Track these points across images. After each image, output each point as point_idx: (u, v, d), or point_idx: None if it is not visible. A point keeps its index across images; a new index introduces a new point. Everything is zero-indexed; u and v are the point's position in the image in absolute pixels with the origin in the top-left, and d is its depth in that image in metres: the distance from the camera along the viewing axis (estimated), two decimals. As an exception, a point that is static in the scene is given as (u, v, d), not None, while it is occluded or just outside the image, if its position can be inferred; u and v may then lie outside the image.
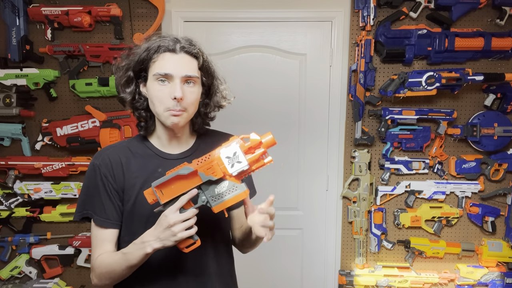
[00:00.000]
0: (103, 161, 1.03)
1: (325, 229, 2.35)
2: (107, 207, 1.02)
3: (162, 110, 0.98)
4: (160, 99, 0.98)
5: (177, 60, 0.98)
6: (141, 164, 1.04)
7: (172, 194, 0.91)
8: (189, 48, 1.01)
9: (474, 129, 2.14)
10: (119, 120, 2.14)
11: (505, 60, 2.18)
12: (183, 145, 1.09)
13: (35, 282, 2.26)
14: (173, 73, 0.97)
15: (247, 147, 0.90)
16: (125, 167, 1.03)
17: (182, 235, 0.88)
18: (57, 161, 2.19)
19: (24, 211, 2.24)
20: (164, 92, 0.97)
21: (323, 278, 2.38)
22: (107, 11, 2.09)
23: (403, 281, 2.23)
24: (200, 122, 1.10)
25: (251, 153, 0.90)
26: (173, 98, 0.96)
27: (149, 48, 1.00)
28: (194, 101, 1.01)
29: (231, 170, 0.89)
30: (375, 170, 2.27)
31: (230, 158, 0.88)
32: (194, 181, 0.90)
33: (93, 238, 1.06)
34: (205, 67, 1.04)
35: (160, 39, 1.01)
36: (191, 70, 0.99)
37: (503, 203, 2.27)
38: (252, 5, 2.19)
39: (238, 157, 0.88)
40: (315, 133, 2.27)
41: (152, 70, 1.00)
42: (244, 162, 0.89)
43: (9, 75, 2.13)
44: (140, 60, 1.01)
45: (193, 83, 1.00)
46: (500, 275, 2.26)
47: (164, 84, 0.98)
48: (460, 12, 2.10)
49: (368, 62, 2.12)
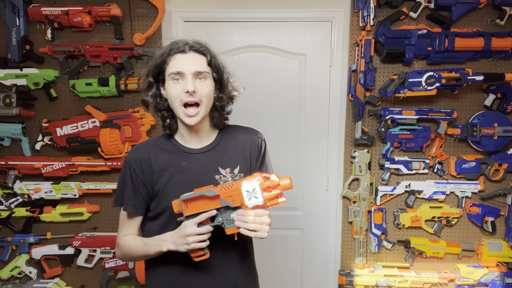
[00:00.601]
0: (133, 157, 1.18)
1: (325, 229, 2.35)
2: (134, 198, 1.17)
3: (178, 104, 1.11)
4: (176, 95, 1.10)
5: (187, 59, 1.11)
6: (168, 159, 1.16)
7: (195, 210, 1.05)
8: (197, 47, 1.13)
9: (474, 129, 2.14)
10: (119, 120, 2.14)
11: (505, 60, 2.18)
12: (204, 140, 1.20)
13: (35, 282, 2.26)
14: (184, 70, 1.09)
15: (265, 186, 1.02)
16: (153, 162, 1.16)
17: (194, 246, 1.03)
18: (57, 161, 2.19)
19: (24, 211, 2.25)
20: (178, 89, 1.09)
21: (323, 278, 2.38)
22: (107, 11, 2.09)
23: (403, 281, 2.24)
24: (218, 116, 1.20)
25: (268, 191, 1.02)
26: (185, 91, 1.08)
27: (163, 54, 1.13)
28: (207, 93, 1.12)
29: (247, 203, 1.02)
30: (375, 170, 2.27)
31: (249, 192, 1.02)
32: (216, 203, 1.04)
33: (121, 220, 1.23)
34: (213, 63, 1.15)
35: (172, 44, 1.14)
36: (200, 66, 1.12)
37: (503, 203, 2.27)
38: (252, 5, 2.19)
39: (256, 193, 1.02)
40: (315, 133, 2.27)
41: (167, 71, 1.12)
42: (260, 199, 1.02)
43: (9, 75, 2.13)
44: (156, 65, 1.14)
45: (204, 78, 1.12)
46: (500, 275, 2.26)
47: (178, 82, 1.10)
48: (460, 12, 2.10)
49: (368, 62, 2.12)
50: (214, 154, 1.18)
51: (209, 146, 1.20)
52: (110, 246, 2.26)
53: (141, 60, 2.20)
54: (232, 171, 1.18)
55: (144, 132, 2.16)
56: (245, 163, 1.21)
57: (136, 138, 2.15)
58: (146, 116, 2.16)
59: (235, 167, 1.19)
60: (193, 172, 1.16)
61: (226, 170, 1.18)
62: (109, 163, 2.19)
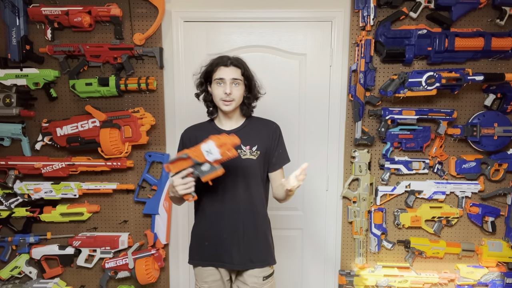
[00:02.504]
0: (185, 134, 1.68)
1: (325, 229, 2.35)
2: None
3: (219, 100, 1.56)
4: (218, 94, 1.55)
5: (228, 70, 1.56)
6: (206, 135, 1.47)
7: (178, 168, 1.45)
8: (235, 62, 1.58)
9: (474, 129, 2.14)
10: (119, 120, 2.14)
11: (505, 60, 2.18)
12: (234, 124, 1.64)
13: (35, 282, 2.26)
14: (225, 77, 1.55)
15: (219, 144, 1.37)
16: (198, 138, 1.54)
17: (182, 192, 1.43)
18: (57, 161, 2.19)
19: (24, 211, 2.25)
20: (220, 90, 1.55)
21: (323, 278, 2.38)
22: (107, 11, 2.09)
23: (403, 281, 2.24)
24: (245, 109, 1.65)
25: (221, 148, 1.37)
26: (224, 93, 1.53)
27: (212, 64, 1.59)
28: (239, 95, 1.57)
29: (208, 158, 1.39)
30: (375, 170, 2.27)
31: (207, 152, 1.38)
32: (190, 161, 1.42)
33: None
34: (246, 74, 1.60)
35: (219, 58, 1.59)
36: (236, 75, 1.56)
37: (503, 203, 2.28)
38: (252, 5, 2.19)
39: (212, 151, 1.37)
40: (315, 133, 2.27)
41: (213, 77, 1.58)
42: (216, 154, 1.37)
43: (9, 75, 2.13)
44: (207, 72, 1.61)
45: (238, 84, 1.57)
46: (500, 275, 2.26)
47: (220, 85, 1.56)
48: (460, 12, 2.10)
49: (368, 62, 2.12)
50: (240, 135, 1.50)
51: (237, 128, 1.62)
52: (110, 246, 2.26)
53: (141, 60, 2.20)
54: (251, 148, 1.58)
55: (144, 132, 2.16)
56: (262, 144, 1.60)
57: (136, 138, 2.15)
58: (146, 116, 2.16)
59: (253, 145, 1.58)
60: None
61: (246, 147, 1.58)
62: (109, 163, 2.19)
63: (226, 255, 1.56)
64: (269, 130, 1.64)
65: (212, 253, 1.58)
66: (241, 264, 1.56)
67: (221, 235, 1.56)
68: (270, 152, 1.62)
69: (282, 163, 1.66)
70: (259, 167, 1.59)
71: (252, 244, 1.57)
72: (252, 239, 1.57)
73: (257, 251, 1.57)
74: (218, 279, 1.60)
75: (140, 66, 2.21)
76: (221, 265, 1.58)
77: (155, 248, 2.26)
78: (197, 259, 1.62)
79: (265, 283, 1.58)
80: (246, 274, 1.57)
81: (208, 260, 1.59)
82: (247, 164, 1.55)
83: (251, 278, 1.56)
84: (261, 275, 1.57)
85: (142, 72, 2.22)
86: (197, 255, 1.62)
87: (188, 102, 2.24)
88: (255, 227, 1.58)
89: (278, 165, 1.65)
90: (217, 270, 1.59)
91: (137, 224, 2.33)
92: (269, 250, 1.63)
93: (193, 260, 1.63)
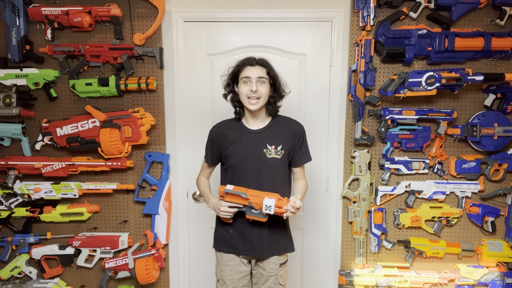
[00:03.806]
0: (214, 130, 1.78)
1: (325, 229, 2.35)
2: (211, 155, 1.81)
3: (245, 98, 1.65)
4: (245, 92, 1.65)
5: (254, 69, 1.65)
6: (234, 134, 1.71)
7: (231, 200, 1.63)
8: (261, 62, 1.68)
9: (474, 129, 2.14)
10: (119, 120, 2.14)
11: (505, 60, 2.18)
12: (260, 124, 1.73)
13: (35, 282, 2.26)
14: (251, 76, 1.64)
15: (278, 205, 1.54)
16: (226, 135, 1.73)
17: (223, 216, 1.67)
18: (57, 161, 2.20)
19: (24, 211, 2.25)
20: (246, 88, 1.65)
21: (323, 278, 2.38)
22: (107, 11, 2.09)
23: (403, 281, 2.24)
24: (271, 108, 1.73)
25: (279, 207, 1.54)
26: (251, 90, 1.63)
27: (239, 64, 1.69)
28: (265, 93, 1.66)
29: (264, 210, 1.56)
30: (375, 170, 2.27)
31: (266, 206, 1.54)
32: (246, 202, 1.60)
33: (202, 166, 1.89)
34: (271, 73, 1.68)
35: (246, 59, 1.69)
36: (262, 73, 1.66)
37: (503, 203, 2.28)
38: (252, 5, 2.19)
39: (270, 208, 1.54)
40: (315, 133, 2.27)
41: (240, 76, 1.67)
42: (272, 211, 1.55)
43: (9, 75, 2.13)
44: (234, 72, 1.71)
45: (263, 82, 1.66)
46: (500, 275, 2.27)
47: (247, 84, 1.65)
48: (460, 12, 2.10)
49: (368, 62, 2.12)
50: (265, 134, 1.69)
51: (263, 128, 1.72)
52: (110, 246, 2.26)
53: (141, 60, 2.20)
54: (276, 148, 1.68)
55: (144, 132, 2.16)
56: (287, 143, 1.71)
57: (136, 138, 2.15)
58: (146, 116, 2.16)
59: (278, 145, 1.68)
60: (249, 145, 1.69)
61: (272, 147, 1.68)
62: (109, 163, 2.19)
63: (249, 244, 1.70)
64: (294, 131, 1.74)
65: (235, 241, 1.72)
66: (262, 253, 1.71)
67: (245, 226, 1.69)
68: (294, 151, 1.74)
69: (304, 161, 1.78)
70: (284, 166, 1.71)
71: (273, 235, 1.71)
72: (274, 231, 1.70)
73: (277, 241, 1.73)
74: (239, 263, 1.74)
75: (140, 66, 2.21)
76: (243, 253, 1.72)
77: (155, 248, 2.26)
78: (221, 245, 1.76)
79: (281, 269, 1.75)
80: (266, 261, 1.73)
81: (231, 248, 1.73)
82: (272, 163, 1.67)
83: (269, 265, 1.73)
84: (279, 262, 1.74)
85: (142, 72, 2.22)
86: (221, 241, 1.77)
87: (188, 102, 2.24)
88: (277, 220, 1.68)
89: (300, 163, 1.77)
90: (238, 256, 1.74)
91: (137, 224, 2.33)
92: (288, 239, 1.79)
93: (217, 245, 1.79)
